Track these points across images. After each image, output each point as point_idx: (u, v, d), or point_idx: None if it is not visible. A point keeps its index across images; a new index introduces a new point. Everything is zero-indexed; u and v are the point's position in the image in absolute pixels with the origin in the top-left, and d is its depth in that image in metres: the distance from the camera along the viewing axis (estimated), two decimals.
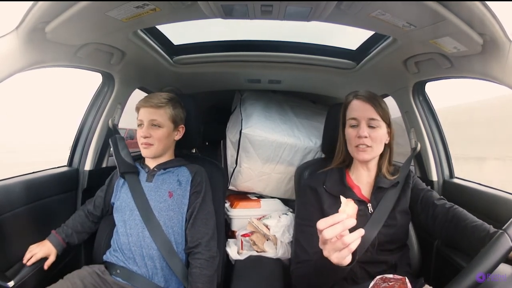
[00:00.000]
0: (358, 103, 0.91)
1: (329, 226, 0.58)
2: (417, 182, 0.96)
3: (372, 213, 0.88)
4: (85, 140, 1.24)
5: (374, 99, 0.90)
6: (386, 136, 0.91)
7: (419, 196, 0.93)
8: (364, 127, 0.89)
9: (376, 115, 0.89)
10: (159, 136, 1.03)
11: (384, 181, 0.91)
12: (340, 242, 0.58)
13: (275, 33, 1.28)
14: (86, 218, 1.10)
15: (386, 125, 0.91)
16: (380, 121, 0.89)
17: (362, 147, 0.89)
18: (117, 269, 0.96)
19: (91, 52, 0.95)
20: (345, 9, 0.74)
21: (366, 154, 0.89)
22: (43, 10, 0.67)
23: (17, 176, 1.01)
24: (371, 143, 0.89)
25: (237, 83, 1.66)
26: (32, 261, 0.93)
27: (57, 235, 1.02)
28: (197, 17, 0.85)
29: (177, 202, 1.02)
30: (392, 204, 0.89)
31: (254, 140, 1.47)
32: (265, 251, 1.38)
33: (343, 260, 0.60)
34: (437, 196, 0.92)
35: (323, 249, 0.61)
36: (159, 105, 1.03)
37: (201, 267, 0.94)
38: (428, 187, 0.96)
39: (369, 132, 0.88)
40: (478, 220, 0.80)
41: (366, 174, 0.94)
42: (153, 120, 1.02)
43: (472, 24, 0.69)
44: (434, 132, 1.23)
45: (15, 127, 19.59)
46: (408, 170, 0.96)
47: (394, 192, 0.91)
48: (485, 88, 3.78)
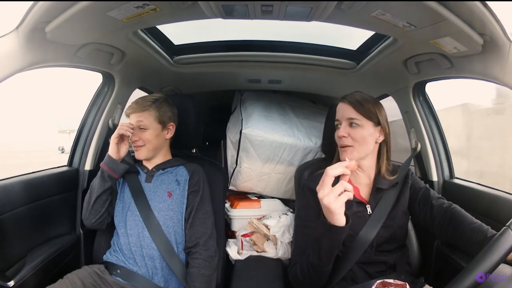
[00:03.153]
0: (340, 105, 0.93)
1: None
2: (415, 180, 0.96)
3: (370, 214, 0.88)
4: (85, 140, 1.23)
5: (355, 100, 0.90)
6: (373, 135, 0.90)
7: (417, 195, 0.93)
8: (344, 127, 0.89)
9: (356, 114, 0.88)
10: (147, 137, 1.05)
11: (383, 182, 0.91)
12: (339, 185, 0.65)
13: (275, 33, 1.27)
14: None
15: (372, 123, 0.89)
16: (362, 120, 0.88)
17: (344, 147, 0.90)
18: (117, 269, 0.96)
19: (91, 52, 0.95)
20: (345, 9, 0.74)
21: (347, 154, 0.89)
22: (43, 10, 0.67)
23: (17, 176, 1.01)
24: (352, 142, 0.88)
25: (237, 83, 1.66)
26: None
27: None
28: (197, 17, 0.85)
29: (176, 202, 1.02)
30: (391, 205, 0.89)
31: (254, 140, 1.47)
32: (265, 251, 1.38)
33: (340, 208, 0.66)
34: (435, 195, 0.92)
35: (323, 198, 0.66)
36: (143, 108, 1.05)
37: (198, 266, 0.94)
38: (426, 185, 0.96)
39: (349, 132, 0.88)
40: (476, 221, 0.80)
41: (362, 175, 0.93)
42: (140, 122, 1.04)
43: (472, 24, 0.69)
44: (434, 132, 1.23)
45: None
46: (407, 170, 0.96)
47: (393, 193, 0.91)
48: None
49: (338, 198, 0.65)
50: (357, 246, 0.85)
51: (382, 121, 0.91)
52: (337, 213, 0.66)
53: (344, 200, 0.65)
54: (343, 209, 0.67)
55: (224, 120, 1.70)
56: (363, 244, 0.85)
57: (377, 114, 0.90)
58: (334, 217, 0.67)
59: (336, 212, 0.66)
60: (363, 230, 0.86)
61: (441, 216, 0.87)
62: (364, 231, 0.86)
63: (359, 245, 0.85)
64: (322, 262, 0.76)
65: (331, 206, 0.65)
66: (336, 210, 0.65)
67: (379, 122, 0.90)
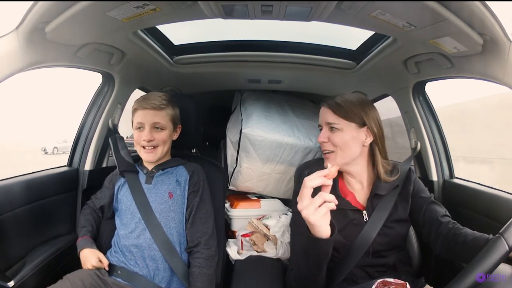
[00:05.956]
0: (321, 109, 0.89)
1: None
2: (418, 188, 0.90)
3: (367, 221, 0.85)
4: (85, 140, 1.24)
5: (334, 103, 0.85)
6: (357, 138, 0.84)
7: (421, 207, 0.87)
8: (324, 132, 0.85)
9: (335, 117, 0.84)
10: (163, 138, 1.02)
11: (383, 187, 0.86)
12: (318, 197, 0.63)
13: (275, 33, 1.27)
14: (96, 215, 1.10)
15: (355, 125, 0.84)
16: (341, 123, 0.83)
17: (326, 154, 0.86)
18: (118, 270, 0.96)
19: (91, 52, 0.95)
20: (345, 9, 0.74)
21: (329, 161, 0.85)
22: (43, 10, 0.67)
23: (17, 176, 1.01)
24: (332, 147, 0.84)
25: (237, 83, 1.66)
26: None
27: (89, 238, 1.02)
28: (197, 17, 0.85)
29: (177, 203, 1.02)
30: (388, 211, 0.85)
31: (254, 140, 1.47)
32: (265, 251, 1.38)
33: (321, 220, 0.63)
34: (442, 211, 0.86)
35: (302, 211, 0.63)
36: (161, 107, 1.01)
37: (200, 266, 0.94)
38: (431, 195, 0.91)
39: (329, 136, 0.85)
40: (477, 233, 0.77)
41: (354, 180, 0.89)
42: (156, 123, 1.01)
43: (472, 24, 0.69)
44: (434, 132, 1.23)
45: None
46: (407, 171, 0.91)
47: (392, 197, 0.86)
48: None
49: (317, 210, 0.62)
50: (352, 253, 0.83)
51: (369, 121, 0.85)
52: (317, 225, 0.64)
53: (323, 212, 0.62)
54: (326, 221, 0.64)
55: (224, 120, 1.70)
56: (359, 252, 0.82)
57: (361, 115, 0.84)
58: (316, 229, 0.65)
59: (316, 225, 0.64)
60: (359, 239, 0.83)
61: (445, 234, 0.81)
62: (359, 239, 0.83)
63: (354, 252, 0.83)
64: (311, 272, 0.74)
65: (310, 218, 0.63)
66: (316, 223, 0.63)
67: (364, 123, 0.85)
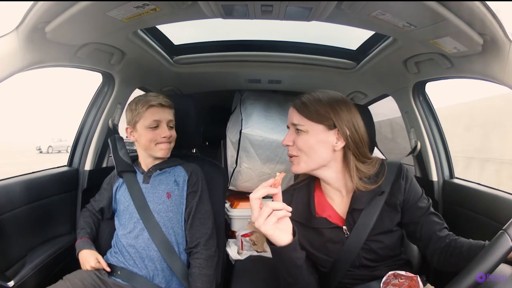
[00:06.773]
0: (290, 110, 0.80)
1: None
2: (415, 196, 0.77)
3: (348, 236, 0.76)
4: (85, 140, 1.24)
5: (300, 102, 0.76)
6: (325, 141, 0.74)
7: (419, 221, 0.76)
8: (289, 134, 0.78)
9: (299, 118, 0.75)
10: (174, 135, 1.05)
11: (362, 199, 0.75)
12: (265, 207, 0.61)
13: (275, 33, 1.28)
14: (95, 217, 1.10)
15: (323, 127, 0.73)
16: (306, 124, 0.74)
17: (291, 158, 0.78)
18: (117, 270, 0.96)
19: (91, 52, 0.95)
20: (345, 9, 0.74)
21: (294, 166, 0.77)
22: (43, 10, 0.67)
23: (17, 176, 1.01)
24: (297, 151, 0.76)
25: (237, 83, 1.66)
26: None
27: (88, 239, 1.02)
28: (197, 17, 0.85)
29: (175, 203, 1.02)
30: (371, 225, 0.74)
31: (254, 140, 1.47)
32: (265, 251, 1.38)
33: (274, 230, 0.62)
34: (440, 224, 0.77)
35: (255, 223, 0.63)
36: (172, 106, 1.05)
37: (200, 266, 0.94)
38: (429, 202, 0.79)
39: (294, 139, 0.76)
40: (472, 241, 0.73)
41: (331, 188, 0.79)
42: (171, 121, 1.04)
43: (473, 24, 0.69)
44: (434, 132, 1.23)
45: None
46: (395, 175, 0.77)
47: (376, 208, 0.75)
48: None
49: (266, 221, 0.61)
50: (337, 267, 0.78)
51: (339, 123, 0.73)
52: (269, 234, 0.63)
53: (272, 221, 0.61)
54: (280, 229, 0.63)
55: (224, 120, 1.70)
56: (345, 266, 0.77)
57: (330, 115, 0.73)
58: (272, 238, 0.64)
59: (268, 234, 0.63)
60: (341, 255, 0.77)
61: (443, 248, 0.75)
62: (342, 255, 0.77)
63: (339, 267, 0.78)
64: (289, 281, 0.71)
65: (261, 229, 0.62)
66: (268, 232, 0.62)
67: (334, 125, 0.74)
